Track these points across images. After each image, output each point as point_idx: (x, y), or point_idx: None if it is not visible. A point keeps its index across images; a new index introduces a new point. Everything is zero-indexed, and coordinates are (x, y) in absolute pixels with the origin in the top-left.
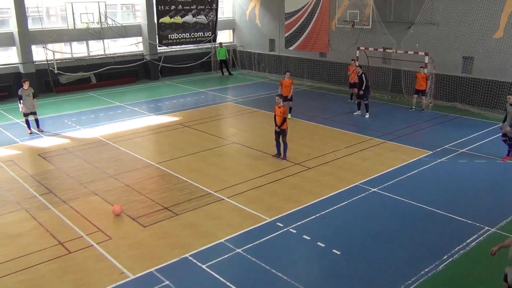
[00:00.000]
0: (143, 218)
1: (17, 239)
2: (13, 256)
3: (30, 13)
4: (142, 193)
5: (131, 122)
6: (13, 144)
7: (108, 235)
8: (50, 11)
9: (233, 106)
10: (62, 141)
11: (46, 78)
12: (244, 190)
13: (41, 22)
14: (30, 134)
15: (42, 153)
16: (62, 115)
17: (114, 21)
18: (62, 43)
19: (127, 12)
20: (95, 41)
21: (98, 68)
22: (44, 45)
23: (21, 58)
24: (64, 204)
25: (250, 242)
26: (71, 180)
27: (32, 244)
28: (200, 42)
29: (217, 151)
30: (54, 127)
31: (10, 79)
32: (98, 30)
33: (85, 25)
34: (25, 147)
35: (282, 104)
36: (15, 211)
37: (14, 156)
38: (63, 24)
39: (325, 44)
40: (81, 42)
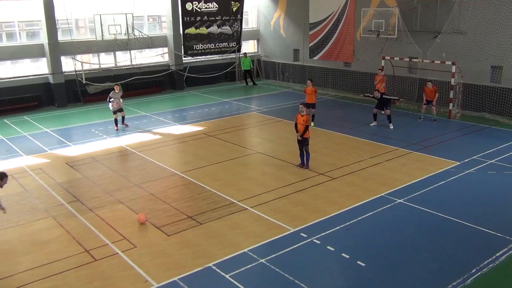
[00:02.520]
0: (167, 227)
1: (45, 246)
2: (41, 262)
3: (60, 25)
4: (167, 202)
5: (156, 132)
6: (42, 152)
7: (133, 243)
8: (79, 23)
9: (257, 116)
10: (89, 150)
11: (74, 88)
12: (268, 200)
13: (71, 34)
14: (116, 131)
15: (69, 162)
16: (90, 124)
17: (141, 32)
18: (90, 54)
19: (153, 23)
20: (122, 52)
21: (125, 79)
22: (73, 56)
23: (51, 69)
24: (91, 212)
25: (273, 253)
26: (98, 188)
27: (59, 251)
28: (225, 53)
29: (241, 161)
30: (82, 136)
31: (40, 90)
32: (125, 41)
33: (113, 37)
34: (53, 156)
35: (305, 113)
36: (43, 219)
37: (43, 164)
38: (92, 36)
39: (350, 54)
40: (108, 53)
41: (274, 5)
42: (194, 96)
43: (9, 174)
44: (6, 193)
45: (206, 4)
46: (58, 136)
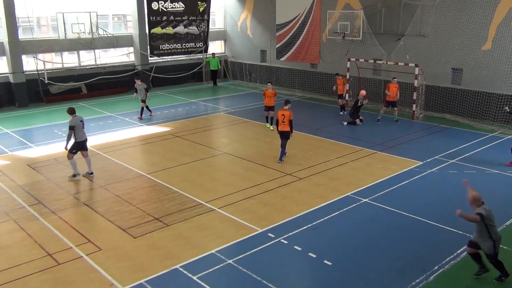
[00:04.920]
0: (133, 229)
1: (5, 251)
2: (1, 267)
3: (20, 23)
4: (133, 203)
5: (122, 132)
6: (2, 154)
7: (98, 246)
8: (41, 21)
9: (224, 116)
10: (51, 151)
11: (36, 88)
12: (236, 200)
13: (32, 32)
14: (139, 119)
15: (31, 163)
16: (52, 125)
17: (105, 31)
18: (53, 53)
19: (118, 22)
20: (86, 51)
21: (89, 78)
22: (34, 55)
23: (11, 68)
24: (53, 215)
25: (241, 253)
26: (61, 190)
27: (21, 255)
28: (192, 53)
29: (208, 162)
30: (44, 137)
31: (0, 89)
32: (89, 40)
33: (76, 35)
34: (14, 157)
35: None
36: (3, 222)
37: (3, 166)
38: (54, 34)
39: (316, 55)
40: (72, 52)
41: (241, 5)
42: (161, 96)
43: None
44: None
45: (173, 3)
46: (19, 137)
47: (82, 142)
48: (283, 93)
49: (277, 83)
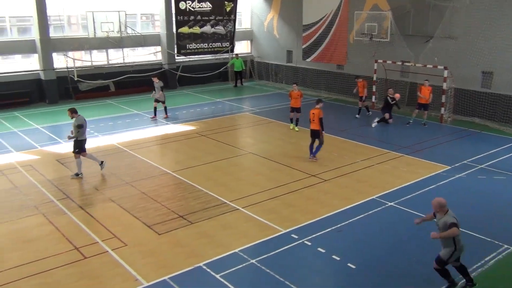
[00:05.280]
0: (158, 225)
1: (34, 244)
2: (29, 260)
3: (51, 21)
4: (158, 200)
5: (148, 130)
6: (33, 149)
7: (124, 241)
8: (71, 20)
9: (249, 116)
10: None
11: (66, 85)
12: (260, 200)
13: (63, 30)
14: (151, 119)
15: (60, 159)
16: None
17: (133, 30)
18: (82, 51)
19: (146, 22)
20: (115, 50)
21: (117, 76)
22: (65, 52)
23: (42, 65)
24: (81, 210)
25: (264, 253)
26: (88, 186)
27: (49, 248)
28: (218, 53)
29: (233, 161)
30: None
31: (31, 86)
32: (118, 39)
33: (105, 34)
34: (44, 153)
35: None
36: (32, 215)
37: (33, 161)
38: (84, 33)
39: (343, 56)
40: (101, 50)
41: (268, 5)
42: (187, 95)
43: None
44: None
45: (200, 3)
46: (49, 133)
47: (85, 142)
48: (309, 94)
49: (302, 84)
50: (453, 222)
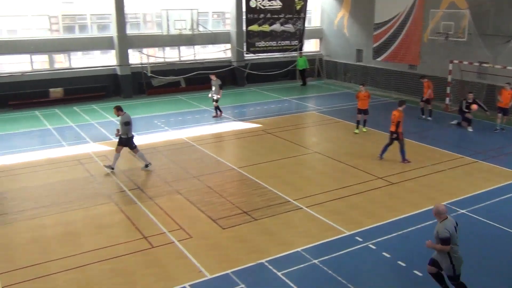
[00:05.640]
0: (223, 220)
1: (106, 230)
2: (102, 245)
3: (129, 19)
4: (223, 195)
5: (216, 126)
6: (108, 140)
7: (189, 233)
8: (147, 18)
9: (316, 115)
10: (151, 140)
11: (139, 80)
12: (324, 200)
13: (138, 28)
14: (213, 117)
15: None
16: (153, 116)
17: (205, 28)
18: (156, 48)
19: (217, 19)
20: (186, 47)
21: (187, 73)
22: (139, 49)
23: (118, 61)
24: (150, 200)
25: (327, 254)
26: (158, 178)
27: (119, 235)
28: (287, 51)
29: (298, 160)
30: (144, 127)
31: (108, 81)
32: (189, 36)
33: (178, 32)
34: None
35: (399, 108)
36: (106, 204)
37: (108, 151)
38: (158, 30)
39: (416, 56)
40: (173, 47)
41: (338, 3)
42: (254, 93)
43: (76, 159)
44: (73, 177)
45: (270, 1)
46: None
47: (132, 138)
48: (378, 94)
49: (372, 84)
50: (444, 238)
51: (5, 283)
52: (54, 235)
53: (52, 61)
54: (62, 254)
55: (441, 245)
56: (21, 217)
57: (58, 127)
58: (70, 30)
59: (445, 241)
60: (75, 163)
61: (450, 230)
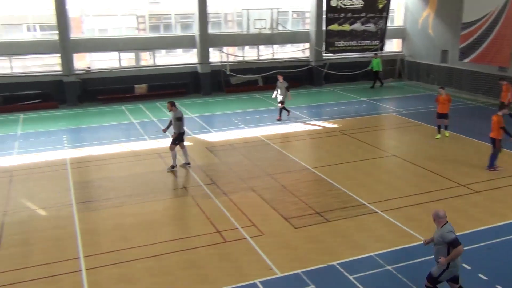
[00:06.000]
0: (295, 219)
1: (182, 222)
2: (178, 236)
3: (210, 19)
4: (296, 195)
5: (291, 125)
6: (187, 136)
7: (261, 230)
8: (227, 17)
9: (395, 117)
10: (228, 137)
11: (219, 78)
12: (401, 206)
13: (220, 27)
14: (277, 120)
15: (209, 147)
16: (230, 113)
17: (284, 27)
18: (235, 47)
19: (297, 19)
20: (265, 46)
21: (265, 72)
22: (220, 48)
23: (199, 59)
24: (224, 196)
25: (402, 261)
26: (233, 174)
27: (194, 228)
28: (367, 51)
29: (375, 162)
30: (222, 124)
31: (188, 78)
32: (269, 35)
33: (258, 31)
34: (196, 140)
35: (500, 113)
36: (182, 196)
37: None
38: (238, 29)
39: (507, 58)
40: (252, 46)
41: (424, 2)
42: (332, 93)
43: (157, 153)
44: (153, 170)
45: (351, 0)
46: (201, 122)
47: (183, 134)
48: (463, 97)
49: (456, 86)
50: (452, 239)
51: (88, 265)
52: (134, 223)
53: (138, 58)
54: (140, 242)
55: (453, 249)
56: (106, 204)
57: (141, 121)
58: (155, 29)
59: (454, 243)
60: (155, 156)
61: (453, 230)
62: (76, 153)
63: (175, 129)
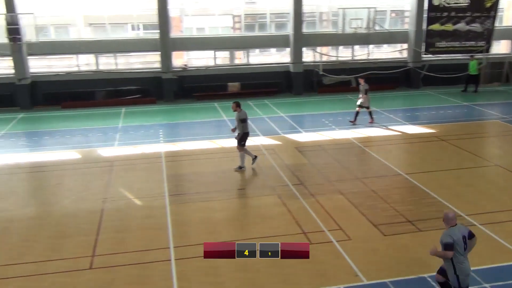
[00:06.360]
0: (384, 226)
1: (269, 221)
2: (263, 234)
3: (305, 18)
4: (387, 201)
5: (385, 129)
6: (277, 135)
7: (348, 235)
8: (323, 16)
9: (501, 124)
10: (317, 138)
11: (311, 78)
12: (503, 220)
13: (314, 26)
14: (350, 123)
15: (298, 147)
16: (321, 114)
17: (381, 27)
18: (329, 47)
19: (395, 18)
20: (360, 46)
21: (359, 72)
22: (313, 47)
23: (292, 59)
24: (312, 197)
25: (502, 280)
26: (321, 176)
27: (280, 227)
28: (471, 52)
29: (475, 172)
30: (312, 124)
31: (281, 77)
32: (364, 35)
33: (353, 30)
34: (285, 139)
35: None
36: (270, 195)
37: (276, 146)
38: (333, 29)
39: None
40: (347, 46)
41: None
42: (430, 96)
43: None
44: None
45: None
46: (291, 121)
47: (248, 135)
48: None
49: None
50: (446, 243)
51: (178, 256)
52: (222, 218)
53: (232, 57)
54: (227, 237)
55: (443, 250)
56: (196, 198)
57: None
58: (250, 29)
59: (447, 247)
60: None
61: (454, 236)
62: (171, 147)
63: (239, 130)
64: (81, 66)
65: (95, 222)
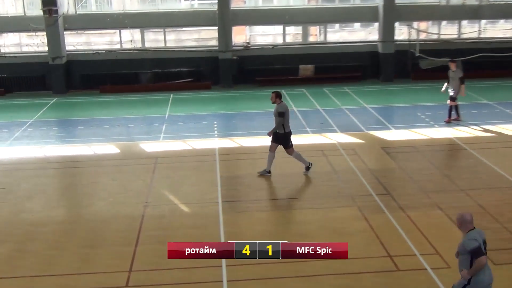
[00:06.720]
0: (496, 253)
1: (344, 238)
2: None
3: None
4: (499, 220)
5: (499, 127)
6: (358, 131)
7: (447, 262)
8: None
9: None
10: (410, 137)
11: (405, 60)
12: None
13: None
14: (445, 122)
15: (385, 147)
16: (416, 106)
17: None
18: (429, 22)
19: None
20: (469, 22)
21: (468, 55)
22: (409, 22)
23: (381, 36)
24: (401, 211)
25: None
26: (413, 184)
27: (359, 248)
28: None
29: None
30: (404, 119)
31: (366, 59)
32: (475, 7)
33: (461, 1)
34: (369, 137)
35: None
36: (348, 207)
37: (357, 145)
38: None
39: None
40: (452, 21)
41: None
42: None
43: (320, 150)
44: (314, 170)
45: None
46: (377, 115)
47: (290, 135)
48: None
49: None
50: (473, 248)
51: (231, 277)
52: (285, 233)
53: (305, 34)
54: None
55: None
56: (254, 207)
57: (303, 110)
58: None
59: (475, 253)
60: (318, 153)
61: (478, 239)
62: (226, 143)
63: (277, 127)
64: (124, 44)
65: (134, 230)
